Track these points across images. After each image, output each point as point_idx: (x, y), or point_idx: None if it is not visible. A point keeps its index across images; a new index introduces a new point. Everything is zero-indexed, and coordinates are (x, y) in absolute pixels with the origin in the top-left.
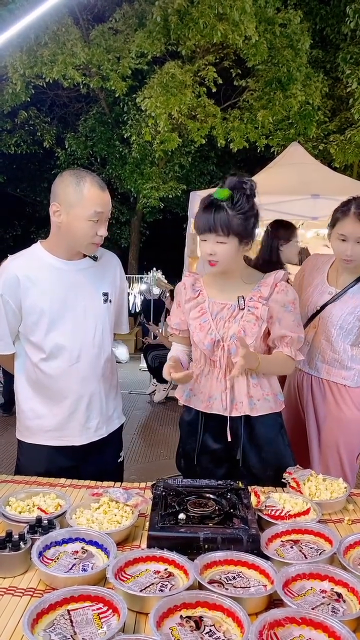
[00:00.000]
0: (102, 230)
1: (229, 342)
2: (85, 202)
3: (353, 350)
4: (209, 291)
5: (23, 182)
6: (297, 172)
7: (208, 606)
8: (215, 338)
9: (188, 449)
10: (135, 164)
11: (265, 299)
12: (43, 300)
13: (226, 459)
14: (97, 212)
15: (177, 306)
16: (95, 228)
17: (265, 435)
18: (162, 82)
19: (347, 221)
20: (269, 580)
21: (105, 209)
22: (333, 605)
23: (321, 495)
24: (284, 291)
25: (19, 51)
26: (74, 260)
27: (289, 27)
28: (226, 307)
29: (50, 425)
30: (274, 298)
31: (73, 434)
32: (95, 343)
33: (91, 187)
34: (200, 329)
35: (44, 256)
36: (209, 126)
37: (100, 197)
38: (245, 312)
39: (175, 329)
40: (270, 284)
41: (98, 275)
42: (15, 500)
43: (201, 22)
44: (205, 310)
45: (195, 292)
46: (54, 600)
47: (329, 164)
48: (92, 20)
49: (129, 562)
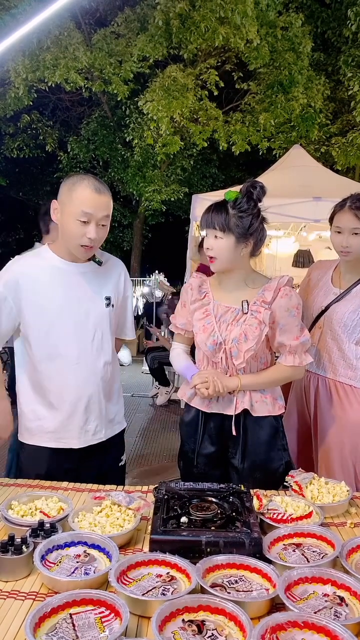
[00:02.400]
0: (91, 233)
1: (230, 345)
2: (75, 201)
3: (359, 349)
4: (215, 293)
5: (26, 186)
6: (299, 174)
7: (210, 610)
8: (217, 340)
9: (187, 450)
10: (138, 167)
11: (268, 303)
12: (44, 299)
13: (221, 462)
14: (84, 212)
15: (183, 306)
16: (84, 229)
17: (259, 439)
18: (164, 86)
19: (342, 214)
20: (271, 583)
21: (95, 211)
22: (335, 609)
23: (323, 499)
24: (288, 296)
25: (22, 55)
26: (77, 263)
27: (290, 30)
28: (230, 311)
29: (49, 427)
30: (278, 303)
31: (71, 437)
32: (95, 346)
33: (85, 187)
34: (203, 331)
35: (49, 256)
36: (211, 129)
37: (92, 199)
38: (248, 316)
39: (182, 328)
40: (273, 288)
41: (101, 279)
42: (18, 504)
43: (203, 25)
44: (209, 312)
45: (201, 294)
46: (56, 604)
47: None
48: (94, 25)
49: (131, 566)
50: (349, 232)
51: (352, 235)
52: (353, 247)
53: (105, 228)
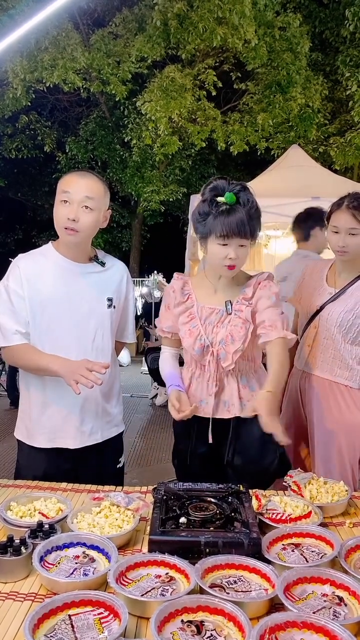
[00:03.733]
0: (72, 213)
1: (217, 347)
2: (59, 185)
3: (354, 349)
4: (197, 294)
5: (24, 187)
6: (297, 174)
7: (209, 610)
8: (204, 343)
9: (180, 449)
10: (136, 167)
11: (248, 299)
12: (46, 297)
13: (215, 460)
14: (64, 190)
15: (167, 309)
16: (65, 210)
17: (251, 435)
18: (162, 86)
19: (339, 213)
20: (270, 584)
21: (75, 190)
22: (334, 609)
23: (322, 499)
24: (267, 286)
25: (20, 56)
26: (80, 263)
27: (288, 30)
28: (215, 312)
29: (46, 427)
30: (257, 294)
31: (67, 437)
32: (95, 347)
33: (71, 173)
34: (190, 335)
35: (52, 255)
36: (209, 129)
37: (72, 180)
38: (232, 316)
39: (168, 331)
40: (253, 284)
41: (104, 281)
42: (17, 505)
43: (201, 26)
44: (194, 315)
45: (184, 296)
46: (55, 605)
47: (329, 166)
48: (92, 25)
49: (130, 567)
50: (345, 232)
51: (349, 235)
52: (350, 247)
53: (90, 212)
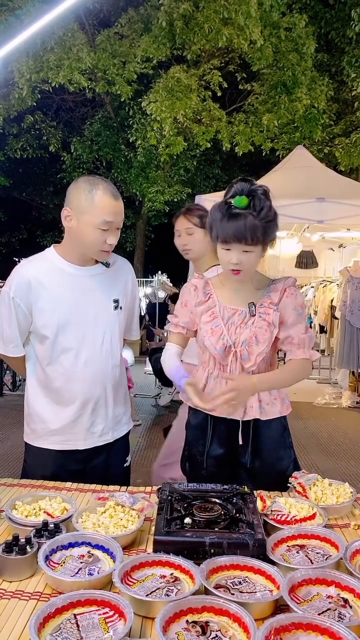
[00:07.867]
0: (112, 239)
1: (240, 348)
2: (96, 211)
3: None
4: (219, 295)
5: (29, 186)
6: (302, 175)
7: (214, 611)
8: (227, 343)
9: (195, 452)
10: (141, 167)
11: (275, 304)
12: (53, 305)
13: (230, 463)
14: (106, 221)
15: (184, 305)
16: (105, 236)
17: (270, 439)
18: (168, 87)
19: None
20: (275, 585)
21: (115, 218)
22: (339, 611)
23: (327, 500)
24: (294, 295)
25: (25, 56)
26: (86, 266)
27: (294, 31)
28: (237, 313)
29: (55, 429)
30: (284, 302)
31: (77, 438)
32: (104, 349)
33: (103, 195)
34: (212, 334)
35: (56, 261)
36: (214, 130)
37: (111, 206)
38: (257, 318)
39: (184, 327)
40: (279, 289)
41: (110, 282)
42: (22, 504)
43: (206, 26)
44: (216, 314)
45: (205, 295)
46: (60, 605)
47: (334, 167)
48: (97, 26)
49: (135, 567)
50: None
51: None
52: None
53: (119, 229)
